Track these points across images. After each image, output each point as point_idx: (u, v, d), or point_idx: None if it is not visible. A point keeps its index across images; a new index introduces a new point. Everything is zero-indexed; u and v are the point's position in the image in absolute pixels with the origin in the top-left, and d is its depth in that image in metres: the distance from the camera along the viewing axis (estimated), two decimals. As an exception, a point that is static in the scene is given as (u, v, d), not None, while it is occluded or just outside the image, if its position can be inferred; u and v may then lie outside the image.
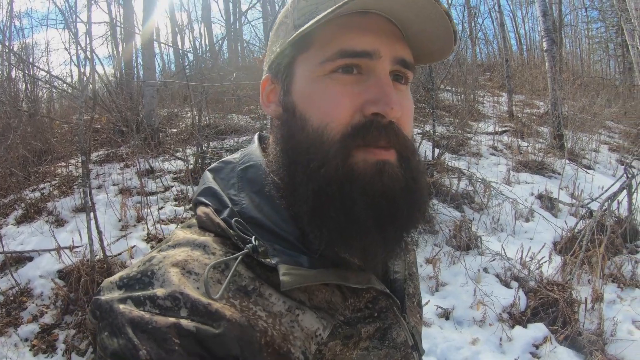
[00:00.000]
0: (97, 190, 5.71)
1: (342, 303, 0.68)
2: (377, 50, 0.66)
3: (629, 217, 5.23)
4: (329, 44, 0.67)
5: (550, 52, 8.99)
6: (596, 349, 3.38)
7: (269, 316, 0.60)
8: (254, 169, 0.74)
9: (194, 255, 0.64)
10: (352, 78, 0.67)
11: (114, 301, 0.58)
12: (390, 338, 0.72)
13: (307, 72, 0.69)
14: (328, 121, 0.66)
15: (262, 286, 0.63)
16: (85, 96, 4.18)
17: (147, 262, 0.63)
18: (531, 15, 22.66)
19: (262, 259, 0.63)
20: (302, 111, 0.69)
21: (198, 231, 0.71)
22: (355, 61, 0.66)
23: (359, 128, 0.65)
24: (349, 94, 0.66)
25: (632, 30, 15.16)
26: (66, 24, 5.00)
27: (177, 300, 0.57)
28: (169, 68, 17.51)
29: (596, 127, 9.51)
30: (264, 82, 0.79)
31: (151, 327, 0.54)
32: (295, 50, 0.71)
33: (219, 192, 0.73)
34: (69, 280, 3.87)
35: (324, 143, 0.65)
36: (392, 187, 0.65)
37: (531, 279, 4.18)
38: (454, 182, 5.93)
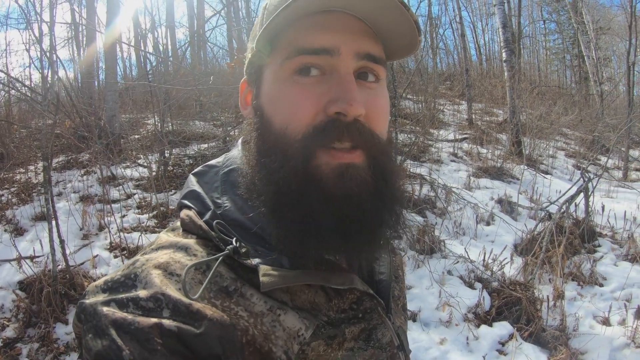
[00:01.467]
0: (57, 197, 5.56)
1: (326, 304, 0.68)
2: (337, 47, 0.65)
3: (586, 218, 5.41)
4: (290, 44, 0.66)
5: (509, 62, 9.25)
6: (560, 344, 3.48)
7: (250, 316, 0.61)
8: (236, 172, 0.75)
9: (176, 257, 0.64)
10: (314, 79, 0.66)
11: (97, 304, 0.58)
12: (375, 339, 0.72)
13: (272, 74, 0.69)
14: (289, 122, 0.65)
15: (243, 287, 0.63)
16: (48, 100, 4.07)
17: (131, 266, 0.64)
18: (491, 27, 23.31)
19: (243, 260, 0.64)
20: (268, 114, 0.69)
21: (181, 234, 0.71)
22: (314, 59, 0.65)
23: (321, 127, 0.64)
24: (310, 95, 0.65)
25: (588, 42, 15.76)
26: (28, 25, 4.87)
27: (159, 301, 0.57)
28: (130, 73, 17.26)
29: (553, 134, 9.80)
30: (242, 85, 0.80)
31: (134, 327, 0.54)
32: (262, 55, 0.70)
33: (202, 195, 0.74)
34: (30, 292, 3.73)
35: (285, 144, 0.65)
36: (357, 190, 0.64)
37: (494, 279, 4.27)
38: (416, 188, 6.01)
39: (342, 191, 0.63)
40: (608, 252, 5.10)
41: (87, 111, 7.07)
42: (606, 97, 13.29)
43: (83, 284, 3.82)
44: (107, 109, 7.20)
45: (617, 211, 5.88)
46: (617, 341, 3.53)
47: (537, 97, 11.30)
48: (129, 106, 10.24)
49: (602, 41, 18.54)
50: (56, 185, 5.95)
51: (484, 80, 15.43)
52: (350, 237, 0.64)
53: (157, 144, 6.55)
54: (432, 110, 10.36)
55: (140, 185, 6.05)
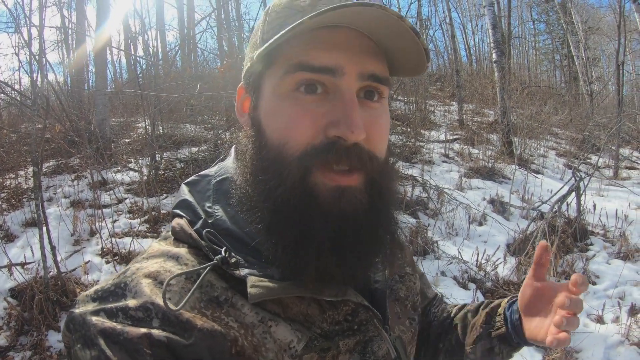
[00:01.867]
0: (48, 203, 5.51)
1: (320, 315, 0.67)
2: (340, 67, 0.63)
3: (578, 217, 5.43)
4: (292, 58, 0.64)
5: (499, 63, 9.29)
6: (554, 343, 3.49)
7: (240, 327, 0.60)
8: (229, 182, 0.75)
9: (166, 266, 0.64)
10: (316, 97, 0.64)
11: (87, 314, 0.58)
12: (371, 351, 0.71)
13: (271, 87, 0.68)
14: (287, 140, 0.64)
15: (234, 297, 0.63)
16: (37, 104, 4.04)
17: (122, 275, 0.64)
18: (481, 28, 23.48)
19: (232, 271, 0.63)
20: (266, 128, 0.68)
21: (173, 243, 0.71)
22: (316, 77, 0.64)
23: (320, 149, 0.63)
24: (311, 114, 0.64)
25: (577, 42, 15.89)
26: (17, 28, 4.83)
27: (148, 310, 0.57)
28: (120, 76, 17.19)
29: (544, 133, 9.85)
30: (240, 91, 0.79)
31: (123, 338, 0.54)
32: (263, 65, 0.69)
33: (194, 204, 0.73)
34: (22, 299, 3.69)
35: (283, 161, 0.64)
36: (353, 211, 0.64)
37: (487, 280, 4.28)
38: (408, 190, 6.01)
39: (338, 211, 0.63)
40: (600, 251, 5.12)
41: (77, 115, 7.02)
42: (596, 96, 13.37)
43: (75, 290, 3.79)
44: (97, 112, 7.16)
45: (609, 209, 5.91)
46: (612, 339, 3.54)
47: (527, 97, 11.38)
48: (119, 110, 10.19)
49: (591, 41, 18.71)
50: (47, 191, 5.90)
51: (474, 81, 15.49)
52: (346, 255, 0.64)
53: (147, 147, 6.52)
54: (423, 112, 10.38)
55: (132, 189, 6.02)
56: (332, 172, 0.63)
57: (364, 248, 0.66)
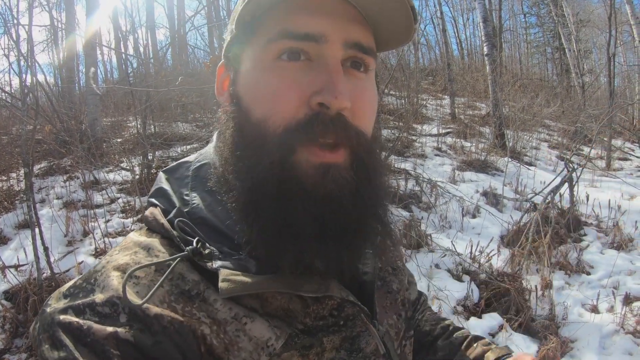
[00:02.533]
0: (40, 204, 5.47)
1: (302, 310, 0.63)
2: (324, 34, 0.60)
3: (571, 208, 5.45)
4: (274, 26, 0.61)
5: (490, 56, 9.30)
6: (550, 333, 3.50)
7: (213, 323, 0.58)
8: (207, 167, 0.72)
9: (136, 258, 0.62)
10: (299, 65, 0.61)
11: (55, 312, 0.56)
12: (358, 348, 0.67)
13: (252, 59, 0.65)
14: (270, 114, 0.61)
15: (206, 290, 0.59)
16: (27, 106, 4.01)
17: (93, 269, 0.62)
18: (472, 21, 23.56)
19: (205, 262, 0.60)
20: (247, 102, 0.65)
21: (146, 233, 0.68)
22: (300, 45, 0.60)
23: (304, 122, 0.59)
24: (294, 84, 0.60)
25: (569, 35, 15.95)
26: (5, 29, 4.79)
27: (115, 305, 0.55)
28: (111, 75, 17.11)
29: (536, 126, 9.89)
30: (220, 70, 0.75)
31: (90, 339, 0.53)
32: (242, 37, 0.66)
33: (169, 192, 0.70)
34: (16, 301, 3.66)
35: (265, 137, 0.60)
36: (338, 192, 0.60)
37: (482, 271, 4.28)
38: (401, 183, 6.01)
39: (322, 192, 0.59)
40: (594, 241, 5.14)
41: (67, 115, 6.97)
42: (587, 88, 13.44)
43: (69, 290, 3.77)
44: (88, 112, 7.11)
45: (602, 200, 5.93)
46: (607, 328, 3.55)
47: (519, 89, 11.40)
48: (110, 109, 10.13)
49: (582, 33, 18.78)
50: (39, 192, 5.86)
51: (466, 74, 15.50)
52: (330, 240, 0.60)
53: (139, 146, 6.48)
54: (415, 106, 10.38)
55: (124, 189, 5.98)
56: (316, 147, 0.60)
57: (350, 236, 0.61)
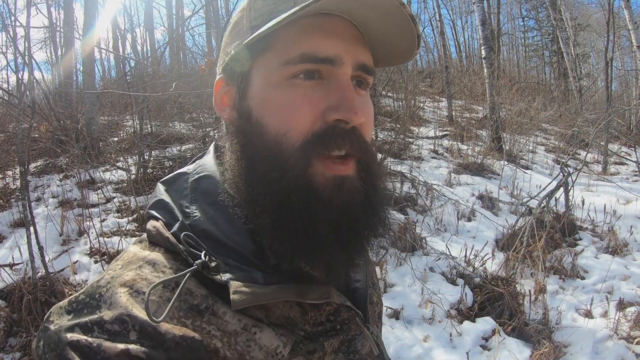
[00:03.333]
0: (36, 203, 5.46)
1: (301, 317, 0.66)
2: (340, 57, 0.64)
3: (566, 212, 5.47)
4: (291, 47, 0.63)
5: (488, 59, 9.32)
6: (543, 338, 3.51)
7: (223, 335, 0.58)
8: (207, 180, 0.71)
9: (142, 273, 0.61)
10: (313, 83, 0.64)
11: (61, 331, 0.55)
12: (355, 350, 0.71)
13: (265, 76, 0.66)
14: (288, 128, 0.63)
15: (215, 304, 0.60)
16: (23, 104, 4.00)
17: (96, 284, 0.61)
18: (470, 24, 23.57)
19: (213, 276, 0.61)
20: (258, 117, 0.66)
21: (148, 246, 0.68)
22: (317, 67, 0.64)
23: (321, 135, 0.62)
24: (309, 100, 0.63)
25: (567, 39, 15.98)
26: (3, 27, 4.77)
27: (125, 323, 0.55)
28: (109, 74, 17.07)
29: (533, 129, 9.91)
30: (218, 84, 0.75)
31: (100, 357, 0.52)
32: (252, 53, 0.67)
33: (170, 204, 0.70)
34: (10, 300, 3.65)
35: (283, 151, 0.62)
36: (352, 201, 0.64)
37: (476, 275, 4.29)
38: (397, 186, 6.02)
39: (338, 202, 0.62)
40: (589, 245, 5.16)
41: (64, 114, 6.95)
42: (585, 92, 13.49)
43: (63, 290, 3.76)
44: (85, 111, 7.09)
45: (597, 204, 5.95)
46: (600, 333, 3.57)
47: (516, 93, 11.41)
48: (107, 108, 10.11)
49: (580, 37, 18.85)
50: (35, 191, 5.84)
51: (463, 77, 15.52)
52: (348, 245, 0.64)
53: (135, 146, 6.47)
54: (412, 108, 10.39)
55: (120, 188, 5.98)
56: (329, 160, 0.63)
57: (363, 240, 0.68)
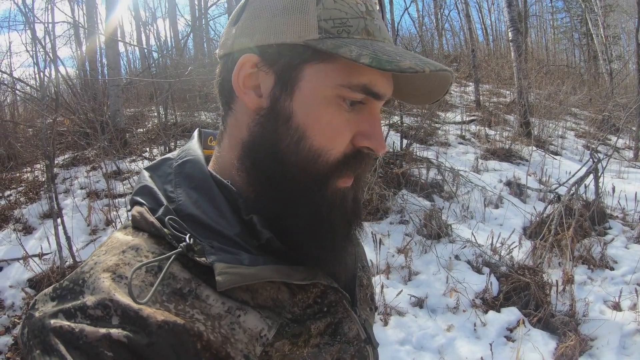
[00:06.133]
0: (64, 194, 5.60)
1: (290, 299, 0.66)
2: (385, 95, 0.68)
3: (596, 200, 5.34)
4: (354, 73, 0.64)
5: (515, 42, 9.12)
6: (569, 330, 3.45)
7: (207, 319, 0.58)
8: (191, 164, 0.72)
9: (125, 258, 0.61)
10: (355, 113, 0.67)
11: (45, 317, 0.56)
12: (342, 333, 0.71)
13: (319, 86, 0.65)
14: (330, 147, 0.66)
15: (198, 287, 0.60)
16: (47, 98, 4.07)
17: (80, 270, 0.61)
18: (497, 6, 23.08)
19: (197, 258, 0.61)
20: (302, 124, 0.65)
21: (132, 232, 0.67)
22: (366, 98, 0.67)
23: (350, 157, 0.67)
24: (351, 126, 0.67)
25: (596, 20, 15.55)
26: (27, 25, 4.85)
27: (107, 308, 0.55)
28: (134, 66, 17.27)
29: (562, 114, 9.70)
30: (245, 61, 0.68)
31: (82, 342, 0.52)
32: (312, 55, 0.65)
33: (155, 190, 0.70)
34: (40, 289, 3.77)
35: (318, 166, 0.65)
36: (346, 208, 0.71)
37: (502, 264, 4.24)
38: (422, 172, 5.97)
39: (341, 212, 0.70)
40: (619, 235, 5.03)
41: (89, 107, 7.07)
42: (616, 75, 13.10)
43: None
44: (110, 104, 7.20)
45: (628, 192, 5.79)
46: (628, 327, 3.48)
47: (545, 76, 11.18)
48: (132, 100, 10.24)
49: (610, 19, 18.26)
50: (63, 183, 5.98)
51: (491, 60, 15.28)
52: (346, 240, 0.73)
53: (160, 136, 6.55)
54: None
55: (147, 179, 6.07)
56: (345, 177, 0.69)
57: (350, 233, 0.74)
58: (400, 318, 3.57)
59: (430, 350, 3.31)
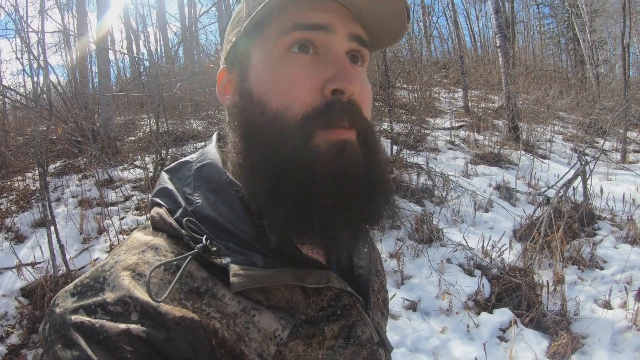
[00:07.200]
0: (56, 203, 5.55)
1: (304, 301, 0.67)
2: (332, 24, 0.66)
3: (584, 202, 5.40)
4: (284, 21, 0.66)
5: (503, 48, 9.21)
6: (561, 329, 3.49)
7: (222, 317, 0.60)
8: (209, 167, 0.74)
9: (145, 257, 0.63)
10: (309, 57, 0.66)
11: (66, 313, 0.57)
12: (355, 336, 0.72)
13: (263, 54, 0.69)
14: (288, 103, 0.65)
15: (215, 286, 0.62)
16: (39, 106, 4.06)
17: (100, 268, 0.63)
18: (484, 13, 23.24)
19: (213, 259, 0.63)
20: (260, 95, 0.68)
21: (151, 232, 0.70)
22: (310, 35, 0.66)
23: (321, 109, 0.64)
24: (306, 73, 0.66)
25: (583, 25, 15.71)
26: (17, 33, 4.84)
27: (127, 304, 0.57)
28: (124, 74, 17.19)
29: (550, 118, 9.78)
30: (221, 74, 0.77)
31: (102, 337, 0.54)
32: (251, 36, 0.70)
33: (174, 192, 0.72)
34: (33, 298, 3.73)
35: (284, 125, 0.64)
36: (354, 166, 0.65)
37: (493, 266, 4.28)
38: (413, 178, 6.00)
39: (339, 167, 0.64)
40: (608, 235, 5.09)
41: (81, 116, 7.04)
42: (602, 79, 13.25)
43: (84, 288, 3.82)
44: (101, 112, 7.17)
45: (616, 193, 5.88)
46: (619, 324, 3.53)
47: (532, 81, 11.28)
48: (123, 108, 10.19)
49: (596, 24, 18.48)
50: (54, 191, 5.94)
51: (479, 66, 15.35)
52: (350, 213, 0.65)
53: (152, 144, 6.54)
54: (427, 99, 10.33)
55: (138, 186, 6.04)
56: (332, 128, 0.65)
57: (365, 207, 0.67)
58: (394, 321, 3.59)
59: (424, 352, 3.33)
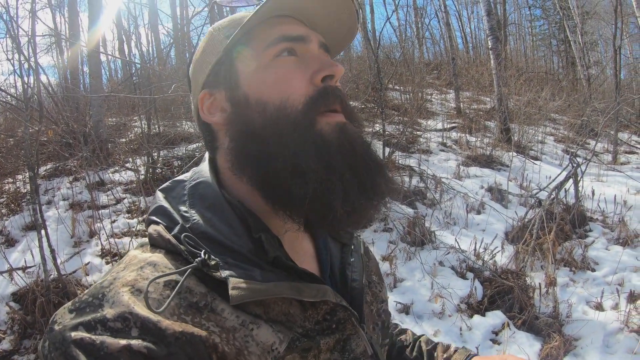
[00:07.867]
0: (46, 206, 5.52)
1: (301, 314, 0.68)
2: (308, 35, 0.76)
3: (576, 204, 5.42)
4: (269, 34, 0.74)
5: (495, 50, 9.23)
6: (553, 331, 3.49)
7: (222, 331, 0.61)
8: (204, 185, 0.75)
9: (144, 274, 0.64)
10: (295, 59, 0.74)
11: (66, 330, 0.57)
12: (350, 349, 0.73)
13: (253, 62, 0.74)
14: (288, 94, 0.71)
15: (214, 301, 0.63)
16: (30, 108, 4.02)
17: (99, 285, 0.63)
18: (476, 15, 23.37)
19: (212, 273, 0.64)
20: (257, 96, 0.72)
21: (150, 249, 0.71)
22: (293, 45, 0.74)
23: (317, 97, 0.71)
24: (298, 69, 0.73)
25: (574, 27, 15.80)
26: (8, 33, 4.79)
27: (127, 320, 0.57)
28: (116, 76, 17.13)
29: (541, 120, 9.82)
30: (202, 99, 0.80)
31: (103, 353, 0.54)
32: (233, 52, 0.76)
33: (170, 210, 0.73)
34: (24, 303, 3.69)
35: (289, 114, 0.69)
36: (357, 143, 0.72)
37: (486, 269, 4.28)
38: (405, 180, 6.01)
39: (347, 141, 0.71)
40: (599, 237, 5.11)
41: (72, 118, 6.99)
42: (593, 81, 13.33)
43: (76, 292, 3.79)
44: (92, 114, 7.13)
45: (608, 195, 5.90)
46: (611, 326, 3.54)
47: (524, 83, 11.33)
48: (114, 110, 10.14)
49: (588, 26, 18.59)
50: (45, 194, 5.90)
51: (470, 68, 15.40)
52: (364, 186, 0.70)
53: (144, 147, 6.51)
54: (419, 101, 10.35)
55: (129, 189, 6.01)
56: (328, 112, 0.72)
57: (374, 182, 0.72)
58: (387, 324, 3.59)
59: (417, 355, 3.33)
